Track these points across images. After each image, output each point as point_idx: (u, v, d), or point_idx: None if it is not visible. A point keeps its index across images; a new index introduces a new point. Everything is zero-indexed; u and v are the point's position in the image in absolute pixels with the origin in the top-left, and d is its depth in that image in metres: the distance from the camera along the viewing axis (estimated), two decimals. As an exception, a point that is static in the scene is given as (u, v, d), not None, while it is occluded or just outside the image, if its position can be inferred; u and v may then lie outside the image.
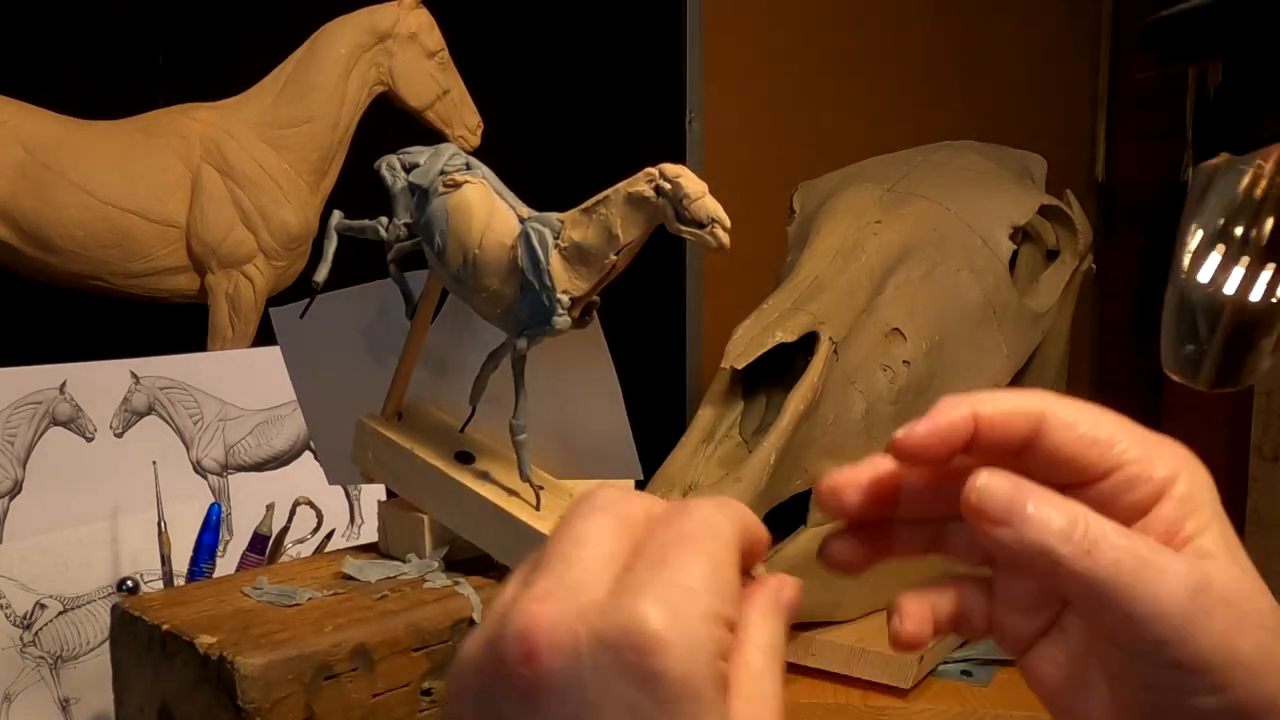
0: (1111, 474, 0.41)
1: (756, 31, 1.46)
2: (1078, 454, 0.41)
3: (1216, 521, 0.40)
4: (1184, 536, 0.40)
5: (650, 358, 1.34)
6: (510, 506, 0.54)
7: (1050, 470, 0.41)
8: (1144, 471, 0.40)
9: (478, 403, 0.56)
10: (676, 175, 0.47)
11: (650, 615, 0.33)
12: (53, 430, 0.86)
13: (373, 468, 0.56)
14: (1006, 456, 0.41)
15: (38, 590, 0.83)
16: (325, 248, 0.53)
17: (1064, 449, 0.41)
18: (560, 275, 0.49)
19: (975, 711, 0.86)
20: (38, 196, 0.93)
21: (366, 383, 0.59)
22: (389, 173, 0.52)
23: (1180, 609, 0.38)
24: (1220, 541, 0.40)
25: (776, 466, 0.82)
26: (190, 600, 0.56)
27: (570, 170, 1.23)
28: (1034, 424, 0.41)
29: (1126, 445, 0.41)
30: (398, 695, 0.54)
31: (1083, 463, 0.41)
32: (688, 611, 0.34)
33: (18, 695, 0.82)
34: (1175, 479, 0.40)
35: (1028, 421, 0.41)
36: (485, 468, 0.56)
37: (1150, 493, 0.40)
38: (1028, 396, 0.41)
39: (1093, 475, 0.41)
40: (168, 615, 0.54)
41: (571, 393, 0.55)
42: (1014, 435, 0.41)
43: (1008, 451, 0.41)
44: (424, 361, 0.58)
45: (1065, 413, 0.41)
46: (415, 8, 1.01)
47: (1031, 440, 0.41)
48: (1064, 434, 0.41)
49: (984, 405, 0.41)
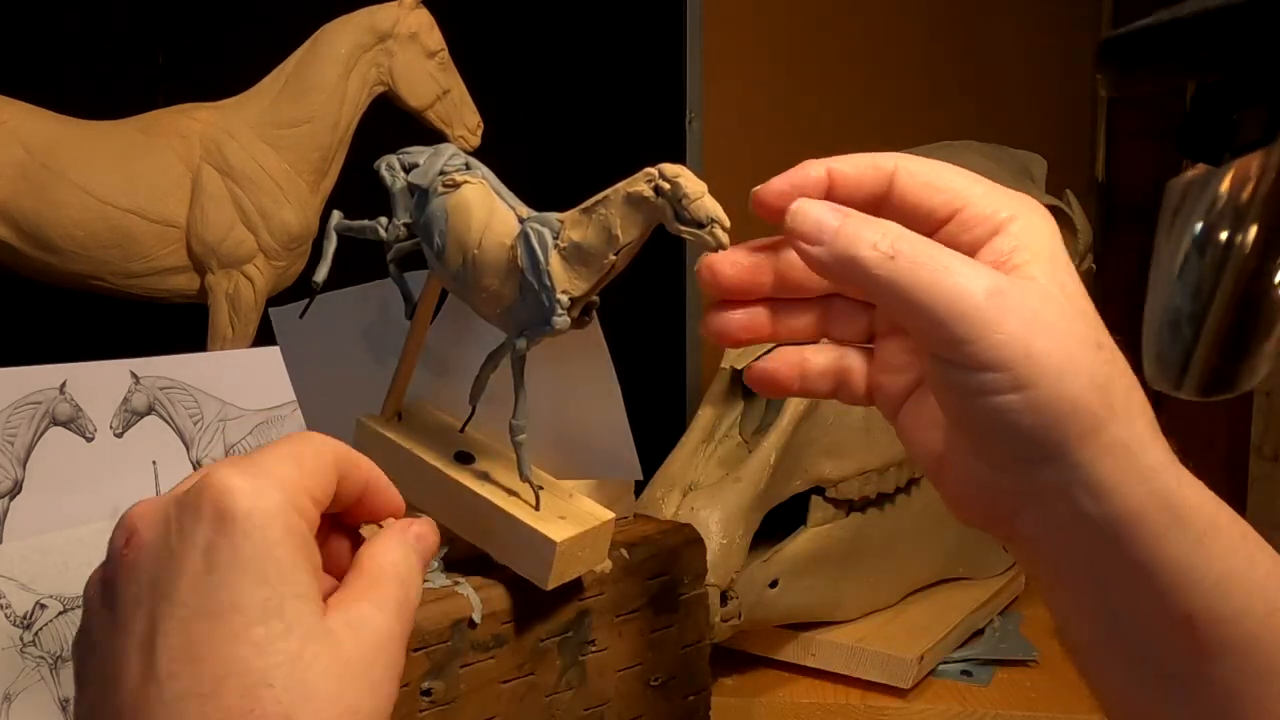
0: (955, 215, 0.44)
1: (756, 31, 1.46)
2: (924, 200, 0.44)
3: (1051, 261, 0.43)
4: (1012, 264, 0.42)
5: (650, 358, 1.34)
6: (510, 506, 0.54)
7: (903, 219, 0.43)
8: (983, 211, 0.43)
9: (477, 402, 0.56)
10: (676, 175, 0.47)
11: (220, 475, 0.38)
12: (53, 430, 0.86)
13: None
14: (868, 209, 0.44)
15: (38, 590, 0.83)
16: (324, 248, 0.53)
17: (910, 196, 0.44)
18: (560, 275, 0.49)
19: (975, 711, 0.86)
20: (38, 196, 0.93)
21: (365, 383, 0.59)
22: (388, 173, 0.52)
23: (976, 307, 0.40)
24: (1048, 273, 0.42)
25: (776, 466, 0.82)
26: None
27: (570, 170, 1.22)
28: (886, 178, 0.44)
29: (970, 190, 0.44)
30: (398, 695, 0.54)
31: (929, 207, 0.44)
32: (256, 471, 0.38)
33: (17, 695, 0.82)
34: (1013, 219, 0.43)
35: (879, 175, 0.44)
36: (485, 468, 0.56)
37: (988, 230, 0.43)
38: (881, 154, 0.45)
39: (940, 219, 0.44)
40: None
41: (571, 393, 0.55)
42: (868, 189, 0.44)
43: (865, 205, 0.44)
44: (423, 361, 0.58)
45: (914, 165, 0.44)
46: (415, 8, 1.01)
47: (885, 194, 0.44)
48: (910, 182, 0.44)
49: (839, 162, 0.45)
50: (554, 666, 0.57)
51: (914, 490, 0.96)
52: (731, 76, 1.40)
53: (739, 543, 0.79)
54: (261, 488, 0.38)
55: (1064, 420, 0.40)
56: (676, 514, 0.78)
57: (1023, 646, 0.94)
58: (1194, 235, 0.27)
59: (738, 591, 0.79)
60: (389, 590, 0.41)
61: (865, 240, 0.42)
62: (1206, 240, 0.27)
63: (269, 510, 0.37)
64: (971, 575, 1.02)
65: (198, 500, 0.38)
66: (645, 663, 0.61)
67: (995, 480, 0.43)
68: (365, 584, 0.40)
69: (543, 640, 0.57)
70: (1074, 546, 0.42)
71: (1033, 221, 0.43)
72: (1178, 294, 0.28)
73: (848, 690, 0.87)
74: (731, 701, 0.87)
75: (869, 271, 0.41)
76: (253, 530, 0.37)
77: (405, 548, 0.43)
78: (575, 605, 0.57)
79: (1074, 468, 0.40)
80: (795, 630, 0.90)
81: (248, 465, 0.39)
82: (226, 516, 0.37)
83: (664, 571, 0.61)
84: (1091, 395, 0.40)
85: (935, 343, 0.41)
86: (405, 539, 0.43)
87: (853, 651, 0.88)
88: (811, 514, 0.88)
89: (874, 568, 0.93)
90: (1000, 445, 0.42)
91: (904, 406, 0.47)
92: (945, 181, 0.44)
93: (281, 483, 0.38)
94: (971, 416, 0.42)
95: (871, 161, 0.45)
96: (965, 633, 0.95)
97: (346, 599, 0.40)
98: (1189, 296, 0.28)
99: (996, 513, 0.44)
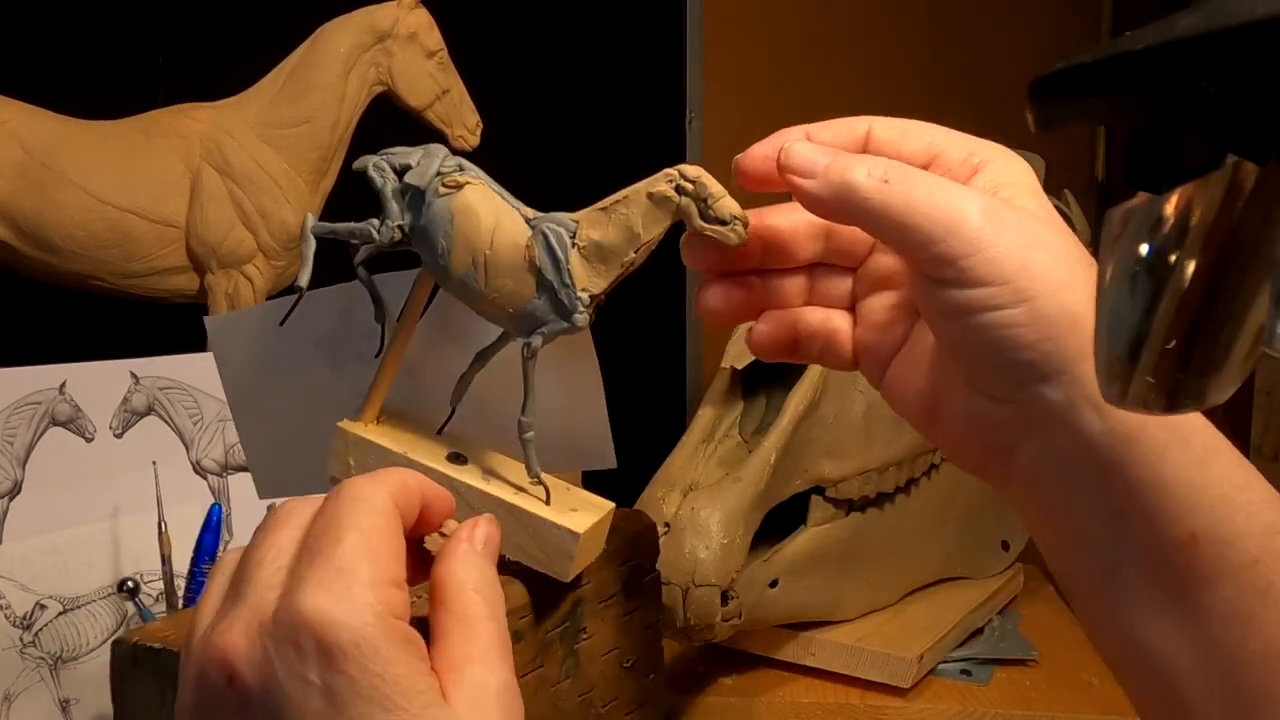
0: (933, 163, 0.45)
1: (756, 31, 1.46)
2: (900, 153, 0.45)
3: (1035, 194, 0.44)
4: (999, 198, 0.43)
5: (650, 358, 1.34)
6: (524, 503, 0.54)
7: None
8: (959, 156, 0.45)
9: (458, 404, 0.56)
10: (697, 176, 0.49)
11: (310, 603, 0.37)
12: (52, 430, 0.86)
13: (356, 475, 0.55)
14: None
15: (38, 591, 0.83)
16: (303, 251, 0.53)
17: (886, 149, 0.45)
18: (580, 274, 0.50)
19: (975, 711, 0.86)
20: (38, 196, 0.93)
21: (315, 391, 0.58)
22: (377, 174, 0.52)
23: (974, 223, 0.41)
24: (1035, 203, 0.43)
25: (776, 466, 0.82)
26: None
27: (570, 170, 1.23)
28: (861, 139, 0.46)
29: (943, 139, 0.45)
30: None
31: (905, 158, 0.45)
32: (343, 586, 0.37)
33: (17, 696, 0.82)
34: (989, 161, 0.44)
35: (854, 136, 0.46)
36: (484, 467, 0.56)
37: (967, 172, 0.44)
38: (853, 118, 0.46)
39: (918, 167, 0.44)
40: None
41: (554, 384, 0.55)
42: (845, 149, 0.45)
43: None
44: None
45: (886, 123, 0.46)
46: (415, 8, 1.01)
47: (862, 153, 0.45)
48: (885, 137, 0.45)
49: (816, 128, 0.46)
50: (556, 657, 0.57)
51: (914, 490, 0.96)
52: (731, 76, 1.40)
53: (739, 543, 0.79)
54: (357, 606, 0.37)
55: (1065, 333, 0.40)
56: (677, 514, 0.78)
57: (1022, 646, 0.94)
58: (1141, 258, 0.27)
59: (738, 591, 0.79)
60: (487, 636, 0.40)
61: (858, 169, 0.43)
62: (1155, 263, 0.27)
63: (373, 633, 0.37)
64: (970, 575, 1.02)
65: (296, 636, 0.36)
66: (620, 646, 0.61)
67: (993, 412, 0.43)
68: (463, 634, 0.40)
69: (549, 632, 0.57)
70: (1076, 472, 0.41)
71: (1008, 161, 0.45)
72: (1128, 315, 0.28)
73: (848, 690, 0.87)
74: (731, 701, 0.87)
75: (864, 197, 0.42)
76: (365, 660, 0.36)
77: (480, 561, 0.42)
78: (571, 595, 0.57)
79: (1077, 382, 0.40)
80: (795, 630, 0.90)
81: (334, 582, 0.37)
82: (335, 652, 0.36)
83: (631, 557, 0.62)
84: (1090, 308, 0.40)
85: (932, 262, 0.42)
86: (476, 550, 0.42)
87: (852, 651, 0.88)
88: (811, 514, 0.88)
89: (873, 567, 0.93)
90: (1002, 368, 0.42)
91: (891, 365, 0.47)
92: (918, 133, 0.45)
93: (370, 585, 0.37)
94: (972, 338, 0.42)
95: (846, 125, 0.46)
96: (964, 632, 0.95)
97: (456, 663, 0.39)
98: (1141, 318, 0.28)
99: (994, 448, 0.44)
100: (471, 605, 0.40)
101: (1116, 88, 0.22)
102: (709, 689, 0.88)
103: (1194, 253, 0.27)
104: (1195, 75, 0.20)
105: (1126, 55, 0.21)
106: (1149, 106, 0.21)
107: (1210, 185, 0.26)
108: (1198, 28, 0.19)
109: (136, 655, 0.52)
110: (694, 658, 0.91)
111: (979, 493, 0.99)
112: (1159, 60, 0.20)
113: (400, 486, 0.41)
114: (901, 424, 0.55)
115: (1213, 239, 0.27)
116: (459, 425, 0.57)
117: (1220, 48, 0.19)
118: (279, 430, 0.60)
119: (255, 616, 0.38)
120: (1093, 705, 0.86)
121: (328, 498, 0.41)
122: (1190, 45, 0.20)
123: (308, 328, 0.58)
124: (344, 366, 0.58)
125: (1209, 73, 0.20)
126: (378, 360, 0.56)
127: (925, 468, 0.96)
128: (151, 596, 0.84)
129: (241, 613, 0.38)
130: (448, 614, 0.40)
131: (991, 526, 1.02)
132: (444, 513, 0.44)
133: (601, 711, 0.61)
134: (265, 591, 0.38)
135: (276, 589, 0.38)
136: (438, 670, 0.38)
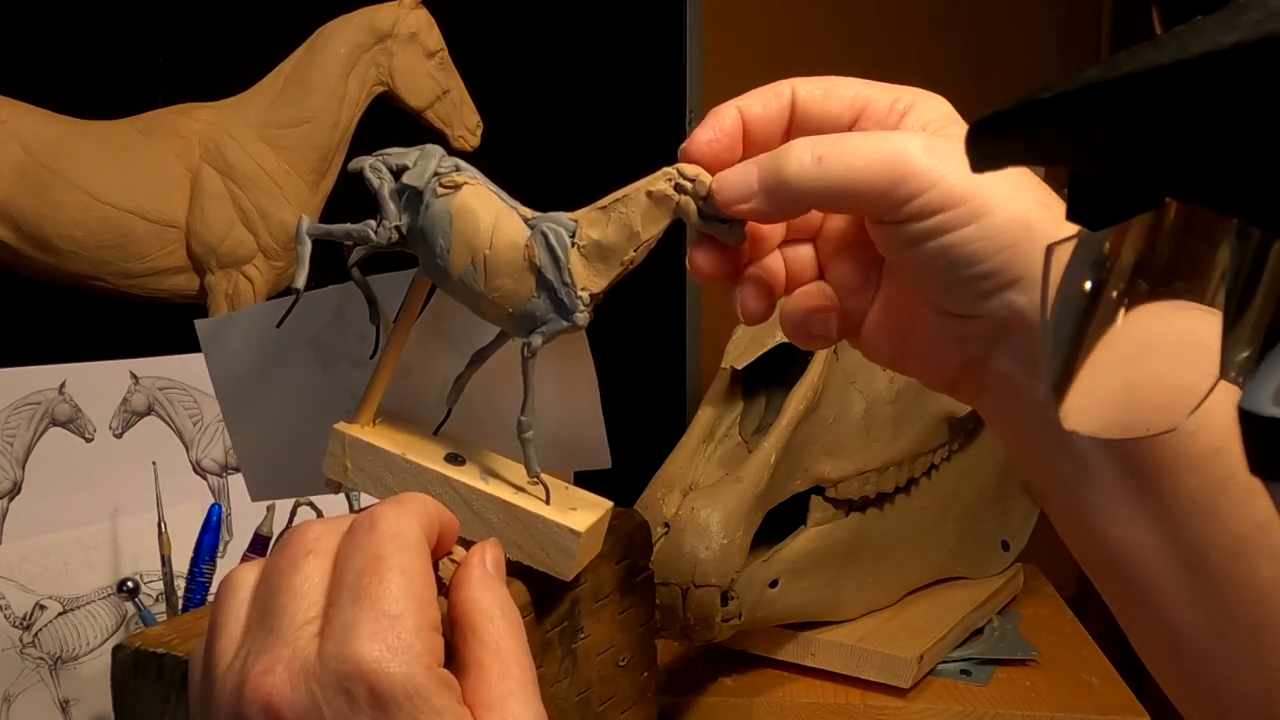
0: (861, 115, 0.46)
1: (756, 31, 1.46)
2: (828, 110, 0.46)
3: (960, 125, 0.45)
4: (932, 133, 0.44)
5: (650, 358, 1.34)
6: (524, 503, 0.54)
7: (814, 134, 0.45)
8: (885, 104, 0.46)
9: (454, 404, 0.56)
10: (696, 174, 0.49)
11: (365, 653, 0.37)
12: (52, 430, 0.86)
13: (353, 477, 0.55)
14: (781, 137, 0.47)
15: (37, 591, 0.83)
16: (299, 253, 0.52)
17: (814, 110, 0.46)
18: (580, 273, 0.50)
19: (975, 711, 0.86)
20: (37, 196, 0.93)
21: (307, 393, 0.58)
22: (374, 174, 0.52)
23: (922, 161, 0.42)
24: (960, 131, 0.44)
25: (776, 466, 0.82)
26: (200, 626, 0.55)
27: (570, 170, 1.23)
28: (786, 103, 0.47)
29: (866, 90, 0.47)
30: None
31: (833, 114, 0.46)
32: (394, 635, 0.38)
33: (17, 696, 0.82)
34: (915, 103, 0.46)
35: (781, 101, 0.47)
36: (482, 467, 0.56)
37: (896, 117, 0.46)
38: (777, 83, 0.47)
39: (847, 123, 0.46)
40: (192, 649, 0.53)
41: (549, 383, 0.55)
42: (775, 116, 0.47)
43: (776, 133, 0.47)
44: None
45: (808, 82, 0.47)
46: (415, 8, 1.01)
47: (791, 116, 0.47)
48: (809, 97, 0.47)
49: (744, 100, 0.47)
50: (555, 657, 0.57)
51: (914, 490, 0.96)
52: (731, 76, 1.40)
53: (739, 543, 0.79)
54: (409, 657, 0.38)
55: (1020, 240, 0.42)
56: (677, 514, 0.78)
57: (1022, 646, 0.94)
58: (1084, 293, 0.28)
59: (738, 591, 0.79)
60: (519, 670, 0.41)
61: (787, 166, 0.44)
62: (1095, 297, 0.28)
63: (424, 683, 0.37)
64: (970, 575, 1.02)
65: (349, 685, 0.37)
66: (616, 645, 0.61)
67: (964, 329, 0.45)
68: (499, 669, 0.40)
69: (549, 632, 0.57)
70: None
71: (934, 102, 0.46)
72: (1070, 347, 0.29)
73: (847, 690, 0.87)
74: (731, 701, 0.87)
75: (806, 186, 0.43)
76: (417, 711, 0.37)
77: (497, 585, 0.43)
78: (569, 595, 0.57)
79: (1037, 284, 0.41)
80: (795, 630, 0.90)
81: (386, 631, 0.38)
82: (389, 703, 0.37)
83: (625, 556, 0.62)
84: (1042, 212, 0.42)
85: (888, 209, 0.43)
86: (490, 575, 0.43)
87: (852, 651, 0.88)
88: (811, 514, 0.88)
89: (873, 567, 0.93)
90: (966, 282, 0.43)
91: (865, 321, 0.49)
92: (841, 88, 0.47)
93: (417, 632, 0.38)
94: (936, 263, 0.43)
95: (771, 90, 0.47)
96: (964, 632, 0.95)
97: (493, 700, 0.40)
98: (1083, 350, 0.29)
99: (969, 361, 0.45)
100: (503, 636, 0.41)
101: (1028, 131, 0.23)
102: (709, 689, 0.88)
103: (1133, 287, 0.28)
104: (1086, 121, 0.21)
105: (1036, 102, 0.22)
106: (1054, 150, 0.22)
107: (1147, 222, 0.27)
108: (1093, 78, 0.20)
109: (139, 661, 0.52)
110: (694, 658, 0.91)
111: (979, 493, 0.99)
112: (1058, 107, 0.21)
113: (426, 518, 0.42)
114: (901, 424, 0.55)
115: (1148, 273, 0.28)
116: (454, 426, 0.57)
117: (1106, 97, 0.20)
118: (271, 432, 0.60)
119: (297, 658, 0.38)
120: (1093, 705, 0.86)
121: (359, 529, 0.41)
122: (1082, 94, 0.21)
123: (300, 329, 0.58)
124: (336, 368, 0.58)
125: (1098, 119, 0.21)
126: (372, 362, 0.55)
127: (925, 468, 0.96)
128: (151, 597, 0.84)
129: (280, 652, 0.38)
130: (480, 645, 0.41)
131: (991, 526, 1.02)
132: (453, 535, 0.45)
133: (599, 710, 0.61)
134: (303, 628, 0.38)
135: (315, 626, 0.38)
136: (473, 705, 0.39)
